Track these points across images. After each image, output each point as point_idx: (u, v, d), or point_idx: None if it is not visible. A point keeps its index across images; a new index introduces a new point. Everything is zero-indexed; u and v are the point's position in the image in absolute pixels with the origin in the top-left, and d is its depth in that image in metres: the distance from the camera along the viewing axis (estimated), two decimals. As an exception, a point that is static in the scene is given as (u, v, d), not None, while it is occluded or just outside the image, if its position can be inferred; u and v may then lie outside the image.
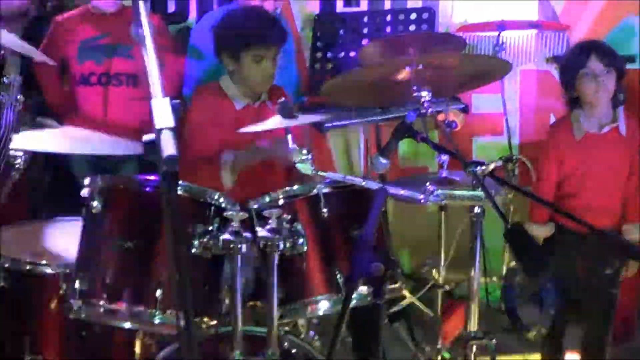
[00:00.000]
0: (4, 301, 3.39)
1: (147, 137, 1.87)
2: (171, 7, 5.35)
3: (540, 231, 4.16)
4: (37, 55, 3.44)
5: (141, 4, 2.12)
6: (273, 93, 4.07)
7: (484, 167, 2.97)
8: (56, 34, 4.61)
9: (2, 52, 2.37)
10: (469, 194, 3.08)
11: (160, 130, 1.82)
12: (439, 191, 2.95)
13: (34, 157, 3.15)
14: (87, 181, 3.04)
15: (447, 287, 4.45)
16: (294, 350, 3.26)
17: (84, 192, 3.03)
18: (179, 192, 2.92)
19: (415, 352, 4.38)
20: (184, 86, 4.64)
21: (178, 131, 1.85)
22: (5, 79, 2.38)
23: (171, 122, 1.83)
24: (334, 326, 2.87)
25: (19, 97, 2.37)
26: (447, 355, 4.23)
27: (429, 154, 5.53)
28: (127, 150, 3.25)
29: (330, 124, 4.66)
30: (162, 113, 1.85)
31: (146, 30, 2.06)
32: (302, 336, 3.67)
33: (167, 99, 1.87)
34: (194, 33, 4.91)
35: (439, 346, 4.23)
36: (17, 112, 2.35)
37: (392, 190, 2.94)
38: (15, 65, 2.39)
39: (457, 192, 3.12)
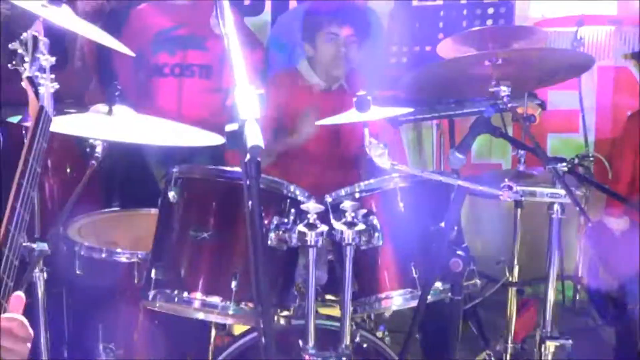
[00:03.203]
0: (79, 289, 3.42)
1: (229, 127, 1.86)
2: (247, 1, 5.36)
3: (616, 224, 4.11)
4: (115, 45, 3.44)
5: (223, -4, 2.11)
6: (352, 77, 4.10)
7: (564, 164, 2.92)
8: (133, 24, 4.65)
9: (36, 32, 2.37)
10: (549, 190, 3.03)
11: (245, 120, 1.81)
12: (519, 188, 2.90)
13: (110, 147, 3.15)
14: (163, 171, 3.05)
15: (519, 285, 4.38)
16: (365, 345, 3.23)
17: (161, 182, 3.04)
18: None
19: (485, 350, 4.32)
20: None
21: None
22: (40, 60, 2.38)
23: (256, 113, 1.82)
24: (406, 321, 2.84)
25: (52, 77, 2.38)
26: (517, 354, 4.17)
27: (503, 149, 5.49)
28: (204, 141, 3.26)
29: (404, 119, 4.63)
30: (247, 103, 1.84)
31: (229, 20, 2.06)
32: (373, 331, 3.64)
33: (253, 88, 1.86)
34: (277, 26, 4.93)
35: (509, 345, 4.17)
36: (51, 93, 2.35)
37: (472, 186, 2.90)
38: (46, 46, 2.38)
39: (538, 189, 3.07)
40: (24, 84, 2.37)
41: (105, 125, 3.05)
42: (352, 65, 4.10)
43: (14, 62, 2.38)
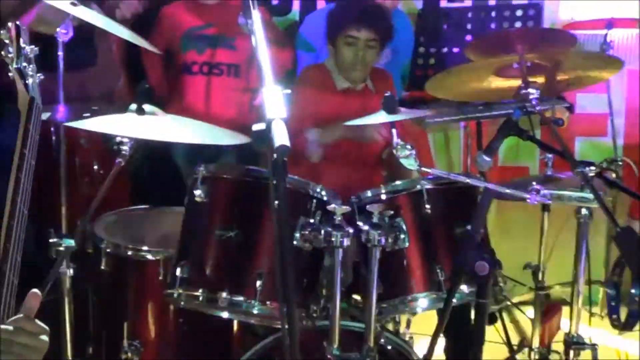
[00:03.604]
0: (104, 285, 3.44)
1: (256, 126, 1.86)
2: (275, 0, 5.36)
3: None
4: (144, 44, 3.47)
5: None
6: (378, 77, 4.09)
7: (593, 167, 2.89)
8: (162, 23, 4.66)
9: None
10: (577, 194, 3.01)
11: (272, 119, 1.80)
12: (546, 191, 2.88)
13: (137, 145, 3.17)
14: (190, 170, 3.05)
15: (546, 289, 4.35)
16: (389, 348, 3.23)
17: (188, 181, 3.04)
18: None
19: (511, 355, 4.30)
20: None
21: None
22: (25, 51, 2.37)
23: (283, 112, 1.81)
24: (431, 324, 2.83)
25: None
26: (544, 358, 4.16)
27: (530, 152, 5.46)
28: (231, 140, 3.27)
29: (431, 120, 4.62)
30: (274, 102, 1.84)
31: (256, 20, 2.06)
32: (398, 333, 3.63)
33: (279, 88, 1.85)
34: (304, 26, 4.93)
35: (536, 349, 4.15)
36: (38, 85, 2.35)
37: (499, 189, 2.89)
38: (26, 34, 2.37)
39: (566, 193, 3.04)
40: (13, 75, 2.35)
41: (132, 123, 3.05)
42: (372, 67, 4.09)
43: (2, 53, 2.37)
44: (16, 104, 2.33)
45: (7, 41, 2.36)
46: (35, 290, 1.94)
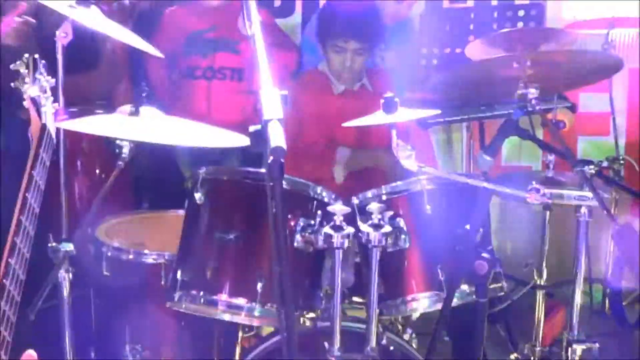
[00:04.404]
0: (105, 290, 3.44)
1: (253, 128, 1.86)
2: (277, 2, 5.37)
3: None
4: (146, 47, 3.47)
5: (251, -4, 2.12)
6: (376, 77, 4.09)
7: (592, 166, 2.90)
8: (165, 26, 4.67)
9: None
10: (577, 193, 3.01)
11: (268, 121, 1.81)
12: (547, 190, 2.88)
13: (138, 148, 3.17)
14: (190, 173, 3.05)
15: (548, 288, 4.35)
16: (391, 348, 3.22)
17: (188, 184, 3.04)
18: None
19: (513, 353, 4.30)
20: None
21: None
22: (41, 81, 2.46)
23: (279, 114, 1.81)
24: (433, 324, 2.83)
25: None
26: (546, 357, 4.16)
27: (532, 152, 5.47)
28: (231, 143, 3.26)
29: (433, 121, 4.62)
30: (270, 104, 1.84)
31: (256, 22, 2.06)
32: (400, 334, 3.63)
33: (276, 90, 1.85)
34: (308, 27, 4.94)
35: (537, 348, 4.15)
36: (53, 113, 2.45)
37: (498, 188, 2.89)
38: (45, 67, 2.48)
39: (565, 192, 3.05)
40: (27, 104, 2.43)
41: (132, 126, 3.06)
42: (368, 68, 4.09)
43: (16, 82, 2.45)
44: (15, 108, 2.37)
45: (22, 71, 2.43)
46: (30, 351, 1.96)
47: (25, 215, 2.13)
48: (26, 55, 2.44)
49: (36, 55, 2.46)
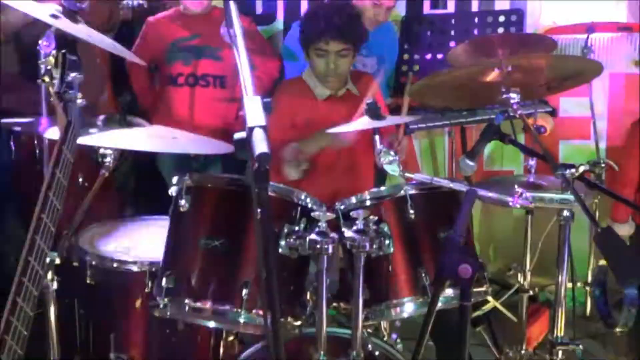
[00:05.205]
0: (90, 298, 3.43)
1: (237, 135, 1.87)
2: (259, 9, 5.38)
3: (622, 229, 4.16)
4: (128, 55, 3.47)
5: (232, 4, 2.13)
6: (362, 81, 4.10)
7: (573, 170, 2.92)
8: (148, 34, 4.69)
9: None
10: (559, 197, 3.04)
11: (252, 128, 1.82)
12: (529, 194, 2.90)
13: (122, 156, 3.17)
14: (175, 180, 3.05)
15: (531, 292, 4.38)
16: (377, 353, 3.24)
17: (172, 191, 3.04)
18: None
19: (498, 357, 4.33)
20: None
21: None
22: (69, 77, 2.46)
23: (263, 121, 1.83)
24: (418, 329, 2.84)
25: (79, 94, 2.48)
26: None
27: (514, 156, 5.50)
28: (214, 150, 3.27)
29: (415, 126, 4.65)
30: (254, 111, 1.85)
31: (237, 29, 2.07)
32: (385, 338, 3.64)
33: (259, 98, 1.87)
34: (289, 35, 4.95)
35: (522, 351, 4.17)
36: (79, 109, 2.45)
37: (481, 192, 2.91)
38: (75, 63, 2.47)
39: (547, 195, 3.07)
40: (53, 99, 2.44)
41: (115, 134, 3.06)
42: (354, 72, 4.10)
43: (44, 79, 2.46)
44: None
45: (49, 67, 2.45)
46: None
47: (46, 213, 2.15)
48: (54, 51, 2.46)
49: (63, 51, 2.47)
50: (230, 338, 3.50)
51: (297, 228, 2.96)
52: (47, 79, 2.45)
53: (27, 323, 2.01)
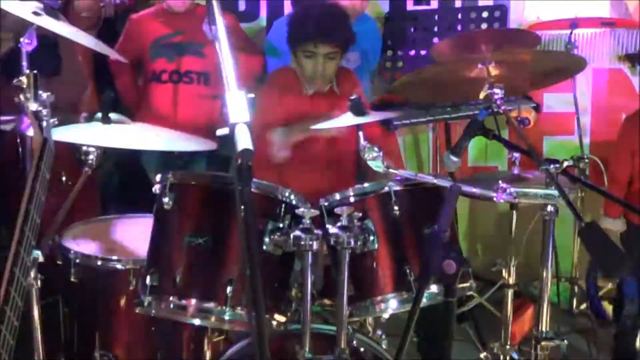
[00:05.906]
0: (74, 297, 3.42)
1: (220, 131, 1.87)
2: (242, 6, 5.37)
3: (613, 225, 4.17)
4: (111, 53, 3.47)
5: (214, 2, 2.12)
6: (343, 78, 4.09)
7: (557, 165, 2.92)
8: (131, 31, 4.67)
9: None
10: (543, 192, 3.03)
11: (235, 124, 1.81)
12: (512, 189, 2.91)
13: (105, 154, 3.16)
14: (158, 177, 3.04)
15: (516, 287, 4.38)
16: (362, 349, 3.23)
17: (155, 188, 3.03)
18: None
19: (482, 352, 4.33)
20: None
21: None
22: (42, 97, 2.51)
23: (246, 117, 1.82)
24: (404, 325, 2.84)
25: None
26: (515, 355, 4.17)
27: (498, 152, 5.50)
28: (198, 147, 3.26)
29: (399, 122, 4.65)
30: (237, 107, 1.84)
31: (220, 26, 2.06)
32: (370, 335, 3.64)
33: (242, 93, 1.86)
34: (272, 32, 4.94)
35: (507, 346, 4.17)
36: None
37: (465, 188, 2.91)
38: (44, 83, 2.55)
39: (531, 190, 3.07)
40: (29, 118, 2.47)
41: (98, 132, 3.05)
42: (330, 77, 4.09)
43: (20, 97, 2.49)
44: None
45: (24, 86, 2.48)
46: None
47: (28, 226, 2.17)
48: (27, 71, 2.50)
49: (35, 71, 2.50)
50: (217, 336, 3.48)
51: (281, 225, 2.96)
52: (22, 97, 2.49)
53: (18, 314, 2.02)
